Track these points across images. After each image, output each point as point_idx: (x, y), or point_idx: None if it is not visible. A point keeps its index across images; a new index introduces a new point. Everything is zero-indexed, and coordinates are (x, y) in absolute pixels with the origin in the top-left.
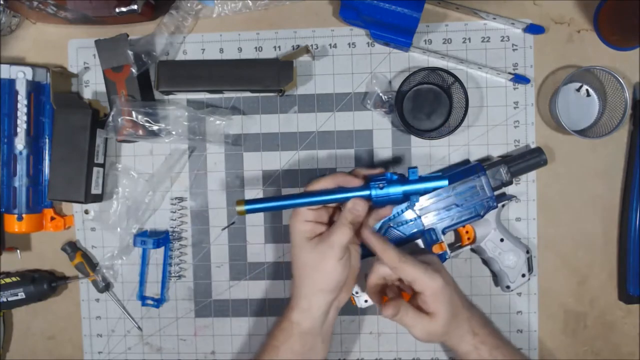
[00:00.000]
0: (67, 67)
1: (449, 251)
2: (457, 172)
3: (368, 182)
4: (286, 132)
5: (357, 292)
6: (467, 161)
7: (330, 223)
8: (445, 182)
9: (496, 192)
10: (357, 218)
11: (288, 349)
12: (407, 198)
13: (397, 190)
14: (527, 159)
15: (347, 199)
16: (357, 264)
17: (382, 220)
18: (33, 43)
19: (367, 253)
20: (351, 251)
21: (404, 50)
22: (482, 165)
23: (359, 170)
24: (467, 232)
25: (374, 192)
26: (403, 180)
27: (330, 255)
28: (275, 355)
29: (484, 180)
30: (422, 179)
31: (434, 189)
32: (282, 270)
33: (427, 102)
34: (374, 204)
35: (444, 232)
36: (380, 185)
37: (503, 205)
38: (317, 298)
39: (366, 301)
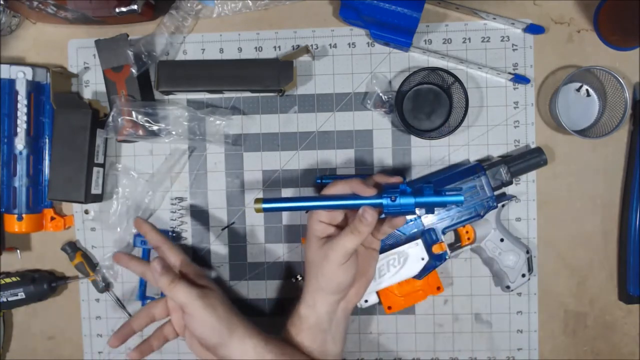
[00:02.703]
0: (67, 67)
1: (448, 251)
2: (457, 172)
3: (382, 191)
4: (286, 132)
5: None
6: (467, 161)
7: (345, 226)
8: (460, 198)
9: (496, 192)
10: (366, 227)
11: (299, 344)
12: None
13: (409, 202)
14: (527, 159)
15: (359, 206)
16: (372, 272)
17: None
18: (33, 43)
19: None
20: (367, 257)
21: (404, 50)
22: (482, 165)
23: (376, 177)
24: (467, 232)
25: (385, 202)
26: (416, 193)
27: (332, 259)
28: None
29: (484, 180)
30: (437, 194)
31: (448, 204)
32: (282, 270)
33: (427, 102)
34: (386, 214)
35: (443, 232)
36: (393, 197)
37: (503, 205)
38: (319, 296)
39: (366, 301)
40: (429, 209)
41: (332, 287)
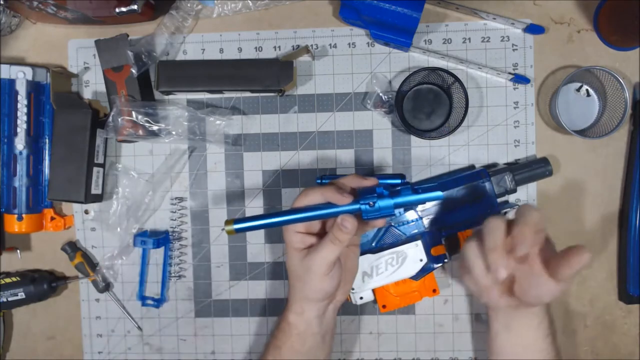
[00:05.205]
0: (67, 67)
1: (448, 254)
2: (462, 177)
3: (359, 196)
4: (286, 132)
5: (352, 289)
6: (472, 166)
7: (323, 233)
8: (439, 194)
9: (499, 200)
10: (347, 235)
11: (290, 348)
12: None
13: (388, 204)
14: (532, 169)
15: (336, 214)
16: (355, 266)
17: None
18: (33, 43)
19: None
20: (348, 254)
21: (404, 50)
22: (488, 172)
23: (348, 181)
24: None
25: (363, 208)
26: (394, 194)
27: (315, 271)
28: (278, 355)
29: (487, 187)
30: (415, 192)
31: (427, 201)
32: (282, 270)
33: (427, 102)
34: (365, 219)
35: (444, 235)
36: (371, 203)
37: (505, 213)
38: (307, 304)
39: (361, 298)
40: (409, 208)
41: (319, 296)
